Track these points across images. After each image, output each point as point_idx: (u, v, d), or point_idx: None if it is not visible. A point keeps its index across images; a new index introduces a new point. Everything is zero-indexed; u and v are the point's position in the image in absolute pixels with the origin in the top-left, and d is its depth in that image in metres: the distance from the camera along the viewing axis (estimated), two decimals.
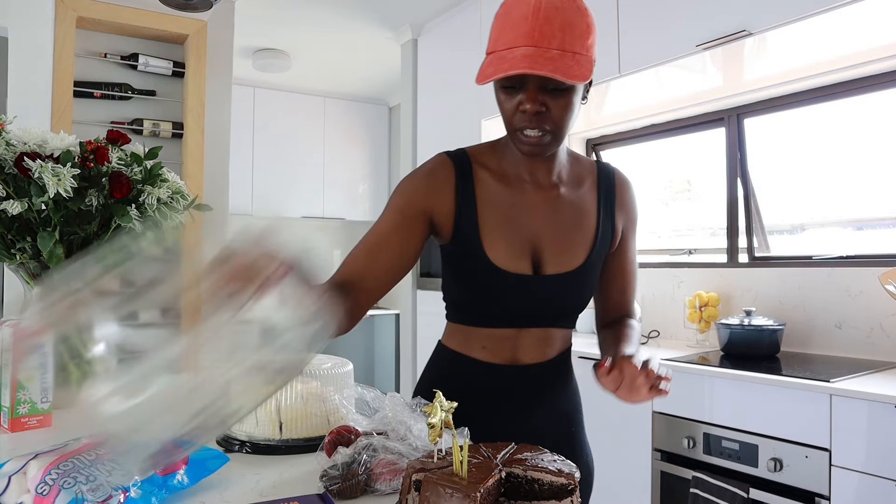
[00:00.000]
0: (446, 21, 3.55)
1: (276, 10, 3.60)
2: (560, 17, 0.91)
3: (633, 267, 1.16)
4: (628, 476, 2.31)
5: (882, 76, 2.23)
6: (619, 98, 2.80)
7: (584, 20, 0.94)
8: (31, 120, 2.05)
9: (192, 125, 2.87)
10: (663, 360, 2.23)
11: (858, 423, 1.70)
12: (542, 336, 1.09)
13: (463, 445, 0.68)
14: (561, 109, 0.95)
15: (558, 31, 0.90)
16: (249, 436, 1.06)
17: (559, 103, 0.95)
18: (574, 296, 1.08)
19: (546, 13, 0.91)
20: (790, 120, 2.59)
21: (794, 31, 1.97)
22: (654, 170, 3.23)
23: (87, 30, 2.76)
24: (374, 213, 5.44)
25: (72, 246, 1.39)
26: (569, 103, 0.96)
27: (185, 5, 2.06)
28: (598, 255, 1.08)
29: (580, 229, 1.07)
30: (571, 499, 0.70)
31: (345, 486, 0.84)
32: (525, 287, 1.04)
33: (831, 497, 1.74)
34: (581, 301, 1.09)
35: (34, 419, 1.18)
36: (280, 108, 5.01)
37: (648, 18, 2.35)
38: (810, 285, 2.39)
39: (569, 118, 0.97)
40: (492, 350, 1.08)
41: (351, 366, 1.16)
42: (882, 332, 2.18)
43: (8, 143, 1.30)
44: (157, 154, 1.48)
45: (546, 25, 0.90)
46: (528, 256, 1.05)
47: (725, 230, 2.79)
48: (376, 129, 5.48)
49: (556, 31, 0.90)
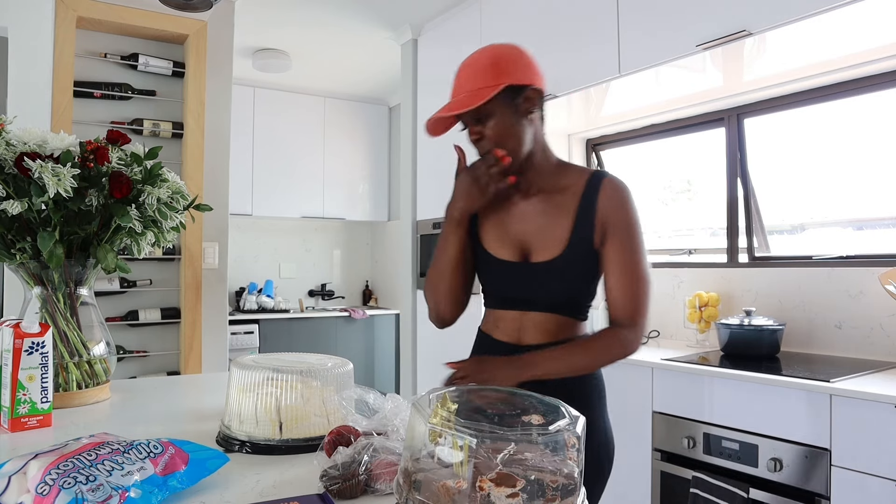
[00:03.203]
0: (446, 21, 3.55)
1: (276, 10, 3.60)
2: (468, 71, 1.24)
3: (623, 268, 1.24)
4: (628, 476, 2.31)
5: (882, 76, 2.24)
6: (619, 98, 2.80)
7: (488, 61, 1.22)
8: (31, 120, 2.05)
9: (192, 125, 2.87)
10: (663, 359, 2.24)
11: (858, 423, 1.70)
12: (542, 320, 1.28)
13: (463, 446, 0.68)
14: (493, 131, 1.23)
15: (465, 81, 1.23)
16: (249, 436, 1.06)
17: (489, 127, 1.23)
18: (554, 281, 1.26)
19: (460, 73, 1.25)
20: (790, 120, 2.59)
21: (794, 31, 1.97)
22: (654, 170, 3.23)
23: (87, 30, 2.76)
24: (374, 213, 5.45)
25: (72, 246, 1.39)
26: (497, 124, 1.22)
27: (185, 5, 2.06)
28: (573, 249, 1.25)
29: (557, 228, 1.27)
30: (572, 499, 0.70)
31: (345, 486, 0.84)
32: (511, 271, 1.30)
33: (831, 497, 1.74)
34: (562, 288, 1.26)
35: (34, 419, 1.18)
36: (280, 108, 5.02)
37: (648, 18, 2.35)
38: (810, 285, 2.39)
39: (506, 135, 1.23)
40: (503, 330, 1.32)
41: (351, 366, 1.16)
42: (882, 332, 2.18)
43: (8, 143, 1.30)
44: (157, 154, 1.48)
45: (458, 81, 1.25)
46: (515, 248, 1.30)
47: (725, 230, 2.79)
48: (376, 129, 5.48)
49: (464, 82, 1.24)
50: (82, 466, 0.75)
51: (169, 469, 0.81)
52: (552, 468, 0.71)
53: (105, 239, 1.40)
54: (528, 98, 1.24)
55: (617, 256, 1.23)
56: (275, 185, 4.98)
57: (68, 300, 1.41)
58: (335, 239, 5.67)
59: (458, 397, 0.79)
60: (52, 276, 1.38)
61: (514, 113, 1.23)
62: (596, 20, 2.58)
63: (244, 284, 5.12)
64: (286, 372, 1.07)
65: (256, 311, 4.80)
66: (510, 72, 1.22)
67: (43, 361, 1.20)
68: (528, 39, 2.93)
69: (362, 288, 5.75)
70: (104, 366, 1.46)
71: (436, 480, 0.69)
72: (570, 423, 0.73)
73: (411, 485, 0.71)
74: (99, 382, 1.44)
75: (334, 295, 5.55)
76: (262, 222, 5.29)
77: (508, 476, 0.69)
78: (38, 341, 1.19)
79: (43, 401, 1.20)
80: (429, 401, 0.75)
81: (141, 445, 0.82)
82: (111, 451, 0.80)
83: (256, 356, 1.18)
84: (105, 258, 1.38)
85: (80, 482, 0.72)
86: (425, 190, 3.71)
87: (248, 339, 4.54)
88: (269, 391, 1.06)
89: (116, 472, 0.76)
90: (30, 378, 1.18)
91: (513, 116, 1.23)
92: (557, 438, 0.71)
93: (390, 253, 5.46)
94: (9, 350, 1.17)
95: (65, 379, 1.38)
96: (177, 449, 0.84)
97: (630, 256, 1.23)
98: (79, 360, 1.41)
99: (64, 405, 1.36)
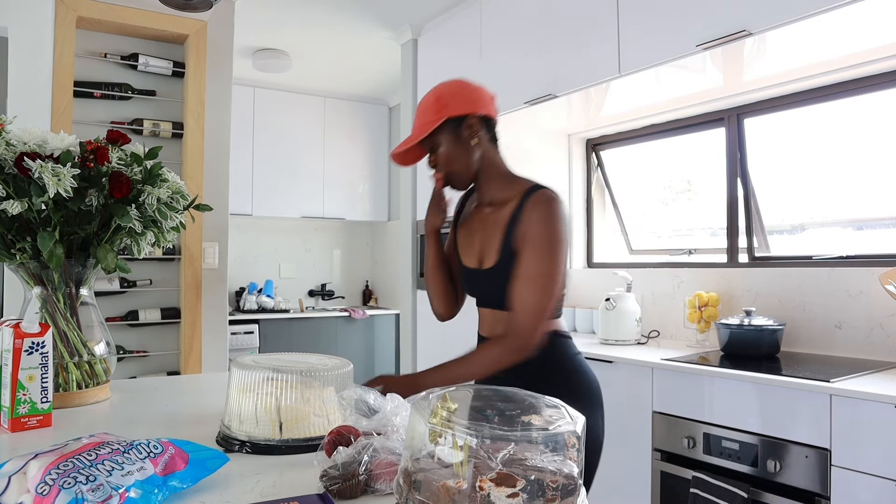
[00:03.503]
0: (446, 21, 3.55)
1: (276, 10, 3.60)
2: (419, 109, 1.44)
3: (520, 280, 1.34)
4: (628, 476, 2.31)
5: (882, 76, 2.24)
6: (619, 98, 2.80)
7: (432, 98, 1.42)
8: (31, 120, 2.05)
9: (192, 125, 2.87)
10: (663, 359, 2.24)
11: (858, 423, 1.70)
12: (491, 315, 1.47)
13: (463, 446, 0.68)
14: (442, 158, 1.43)
15: (417, 118, 1.44)
16: (249, 436, 1.06)
17: (439, 155, 1.43)
18: (493, 285, 1.43)
19: (416, 111, 1.45)
20: (790, 120, 2.59)
21: (794, 31, 1.97)
22: (654, 170, 3.23)
23: (87, 30, 2.76)
24: (374, 213, 5.45)
25: (72, 246, 1.39)
26: (444, 152, 1.43)
27: (185, 5, 2.06)
28: (505, 258, 1.39)
29: (495, 239, 1.42)
30: (572, 499, 0.70)
31: (345, 486, 0.84)
32: (471, 275, 1.50)
33: (831, 497, 1.74)
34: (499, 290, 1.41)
35: (34, 419, 1.18)
36: (280, 108, 5.02)
37: (648, 18, 2.35)
38: (810, 285, 2.39)
39: (452, 160, 1.43)
40: (483, 326, 1.52)
41: (351, 366, 1.16)
42: (882, 332, 2.18)
43: (8, 143, 1.30)
44: (157, 154, 1.48)
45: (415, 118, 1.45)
46: (475, 256, 1.49)
47: (725, 230, 2.79)
48: (376, 129, 5.48)
49: (417, 118, 1.44)
50: (82, 466, 0.75)
51: (169, 469, 0.81)
52: (552, 468, 0.71)
53: (105, 239, 1.40)
54: (470, 125, 1.41)
55: (519, 268, 1.35)
56: (275, 185, 4.98)
57: (68, 300, 1.41)
58: (335, 239, 5.67)
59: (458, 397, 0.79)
60: (52, 276, 1.38)
61: (457, 140, 1.42)
62: (596, 20, 2.58)
63: (244, 284, 5.12)
64: (286, 372, 1.07)
65: (256, 311, 4.80)
66: (450, 105, 1.40)
67: (43, 361, 1.20)
68: (528, 39, 2.93)
69: (362, 288, 5.76)
70: (104, 366, 1.46)
71: (436, 480, 0.69)
72: (570, 423, 0.73)
73: (411, 485, 0.71)
74: (99, 382, 1.44)
75: (334, 295, 5.55)
76: (262, 222, 5.29)
77: (508, 476, 0.69)
78: (38, 341, 1.19)
79: (43, 401, 1.20)
80: (429, 401, 0.75)
81: (141, 445, 0.82)
82: (111, 451, 0.80)
83: (256, 356, 1.18)
84: (105, 258, 1.38)
85: (80, 482, 0.72)
86: (425, 190, 3.71)
87: (248, 339, 4.54)
88: (269, 391, 1.06)
89: (116, 472, 0.76)
90: (30, 378, 1.18)
91: (457, 143, 1.42)
92: (557, 438, 0.71)
93: (390, 253, 5.46)
94: (9, 350, 1.17)
95: (65, 379, 1.38)
96: (177, 449, 0.84)
97: (528, 269, 1.33)
98: (79, 360, 1.41)
99: (64, 405, 1.36)
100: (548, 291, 1.33)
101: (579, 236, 3.51)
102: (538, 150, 3.40)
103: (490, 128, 1.45)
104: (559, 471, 0.70)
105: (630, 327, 2.71)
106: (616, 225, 3.43)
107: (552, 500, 0.69)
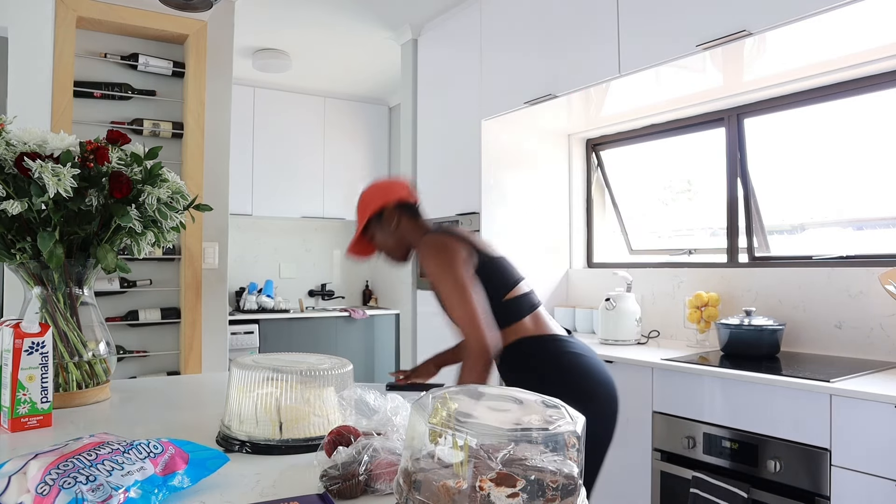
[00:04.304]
0: (446, 21, 3.55)
1: (276, 10, 3.60)
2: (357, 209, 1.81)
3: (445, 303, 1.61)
4: (628, 476, 2.31)
5: (882, 76, 2.24)
6: (619, 98, 2.80)
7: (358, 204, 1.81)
8: (31, 120, 2.05)
9: (192, 125, 2.87)
10: (663, 359, 2.24)
11: (858, 423, 1.70)
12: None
13: (463, 446, 0.68)
14: (378, 246, 1.81)
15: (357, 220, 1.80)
16: (249, 436, 1.06)
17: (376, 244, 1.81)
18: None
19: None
20: (790, 120, 2.59)
21: (794, 31, 1.97)
22: (654, 170, 3.23)
23: (87, 30, 2.76)
24: None
25: (72, 246, 1.39)
26: (378, 242, 1.80)
27: (185, 5, 2.06)
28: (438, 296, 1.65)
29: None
30: (572, 499, 0.70)
31: (345, 486, 0.84)
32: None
33: (831, 497, 1.74)
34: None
35: (34, 419, 1.18)
36: (280, 108, 5.02)
37: (648, 18, 2.35)
38: (810, 285, 2.39)
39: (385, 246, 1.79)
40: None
41: (351, 366, 1.15)
42: (882, 332, 2.18)
43: (8, 143, 1.30)
44: (157, 154, 1.48)
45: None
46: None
47: (725, 230, 2.79)
48: (376, 129, 5.48)
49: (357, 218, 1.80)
50: (82, 466, 0.75)
51: (169, 469, 0.81)
52: (552, 468, 0.71)
53: (105, 239, 1.40)
54: (387, 216, 1.75)
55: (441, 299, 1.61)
56: (275, 185, 4.98)
57: (68, 300, 1.41)
58: (335, 239, 5.67)
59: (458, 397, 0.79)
60: (52, 276, 1.38)
61: (383, 230, 1.76)
62: (596, 20, 2.58)
63: (244, 284, 5.12)
64: (286, 372, 1.07)
65: (256, 311, 4.80)
66: (370, 205, 1.76)
67: (43, 361, 1.20)
68: (528, 39, 2.93)
69: (362, 288, 5.75)
70: (104, 366, 1.46)
71: (436, 480, 0.69)
72: (570, 423, 0.73)
73: (411, 485, 0.71)
74: (99, 382, 1.44)
75: (334, 295, 5.55)
76: (262, 222, 5.29)
77: (508, 476, 0.69)
78: (38, 341, 1.19)
79: (43, 401, 1.20)
80: (429, 401, 0.75)
81: (141, 445, 0.82)
82: (111, 451, 0.80)
83: (256, 356, 1.17)
84: (105, 258, 1.38)
85: (80, 482, 0.72)
86: (425, 190, 3.71)
87: (248, 339, 4.54)
88: (269, 391, 1.06)
89: (116, 472, 0.76)
90: (30, 378, 1.18)
91: (383, 232, 1.77)
92: (557, 438, 0.71)
93: None
94: (9, 350, 1.17)
95: (65, 379, 1.38)
96: (177, 449, 0.84)
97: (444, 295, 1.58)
98: (79, 360, 1.40)
99: (64, 405, 1.36)
100: (465, 299, 1.53)
101: (579, 236, 3.51)
102: (538, 150, 3.40)
103: (408, 207, 1.76)
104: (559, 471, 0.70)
105: (630, 327, 2.71)
106: (616, 225, 3.43)
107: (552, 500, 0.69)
